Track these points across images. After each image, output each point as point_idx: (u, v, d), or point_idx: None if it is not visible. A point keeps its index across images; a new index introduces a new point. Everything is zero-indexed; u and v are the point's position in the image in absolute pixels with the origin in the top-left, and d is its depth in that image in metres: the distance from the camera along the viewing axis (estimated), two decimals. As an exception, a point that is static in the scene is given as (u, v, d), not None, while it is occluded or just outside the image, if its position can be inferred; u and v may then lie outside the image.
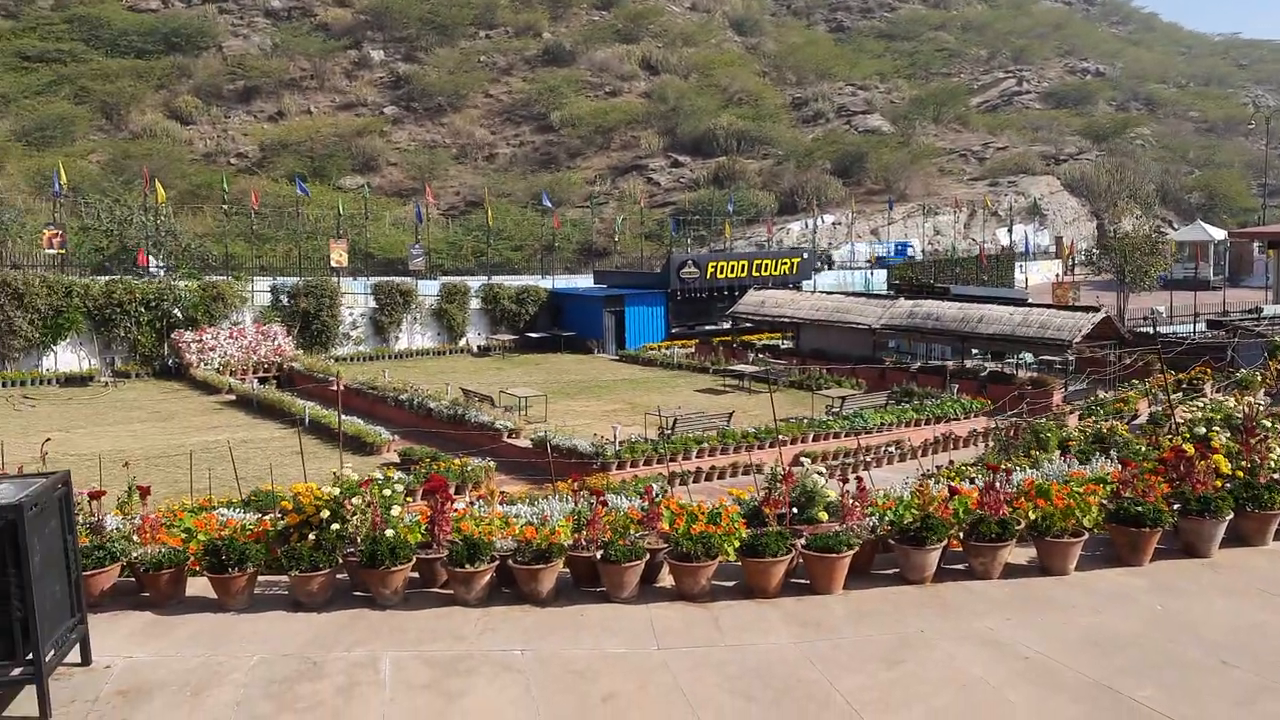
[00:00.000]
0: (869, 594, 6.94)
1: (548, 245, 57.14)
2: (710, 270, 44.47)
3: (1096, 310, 33.30)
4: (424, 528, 7.29)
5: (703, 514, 7.70)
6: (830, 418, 26.92)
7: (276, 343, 35.84)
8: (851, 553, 6.85)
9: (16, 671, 5.28)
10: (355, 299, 40.73)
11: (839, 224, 73.01)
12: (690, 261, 44.65)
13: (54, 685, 5.47)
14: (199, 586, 7.11)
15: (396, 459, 23.21)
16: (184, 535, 7.95)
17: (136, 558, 6.92)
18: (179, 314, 35.10)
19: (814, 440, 25.02)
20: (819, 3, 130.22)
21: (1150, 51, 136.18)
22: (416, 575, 7.15)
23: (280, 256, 51.46)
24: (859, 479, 7.38)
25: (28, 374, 32.43)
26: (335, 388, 27.11)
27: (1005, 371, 34.23)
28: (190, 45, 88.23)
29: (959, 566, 7.34)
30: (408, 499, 7.68)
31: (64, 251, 37.62)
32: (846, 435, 25.83)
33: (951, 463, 21.11)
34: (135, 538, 7.19)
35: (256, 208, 46.88)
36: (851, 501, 7.34)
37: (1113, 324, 34.31)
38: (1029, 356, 35.98)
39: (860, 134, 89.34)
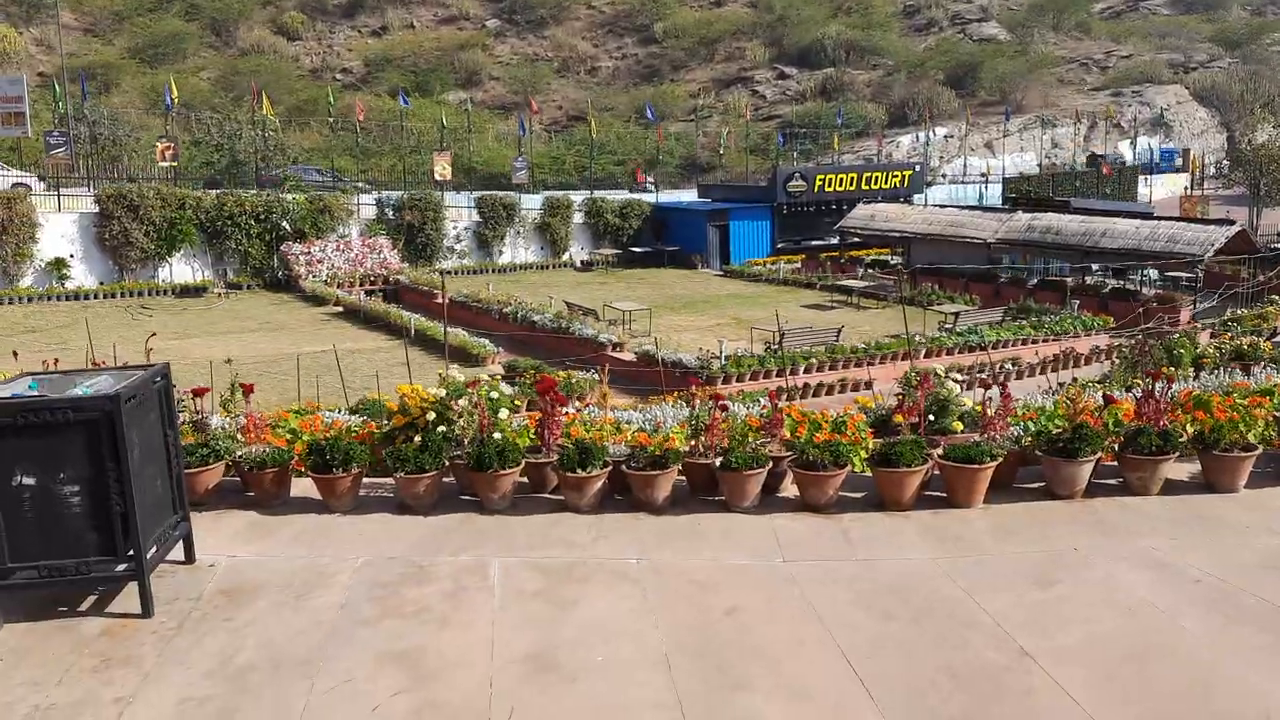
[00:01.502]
0: (1013, 508, 6.36)
1: (651, 160, 56.23)
2: (818, 184, 43.09)
3: (1231, 223, 31.22)
4: (533, 432, 6.93)
5: (826, 422, 7.18)
6: (944, 334, 25.90)
7: (382, 256, 36.10)
8: (994, 464, 6.26)
9: (120, 568, 5.11)
10: (459, 213, 40.72)
11: (951, 137, 70.15)
12: (797, 174, 43.33)
13: (157, 583, 5.31)
14: (303, 487, 6.92)
15: (501, 371, 23.14)
16: (289, 436, 7.77)
17: (241, 456, 6.74)
18: (288, 226, 35.55)
19: (926, 357, 24.11)
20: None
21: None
22: (525, 480, 6.82)
23: (385, 171, 51.82)
24: (1002, 385, 6.74)
25: (145, 284, 33.33)
26: (440, 300, 27.20)
27: (1129, 288, 32.49)
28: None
29: (1111, 482, 6.68)
30: (515, 405, 7.35)
31: (177, 164, 38.32)
32: (961, 351, 24.85)
33: (1075, 380, 20.04)
34: (239, 436, 7.01)
35: (361, 121, 47.01)
36: (993, 411, 6.71)
37: (1248, 238, 32.12)
38: (1153, 273, 34.14)
39: (975, 43, 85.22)
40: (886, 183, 44.46)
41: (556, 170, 57.90)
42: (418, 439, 6.69)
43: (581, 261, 42.12)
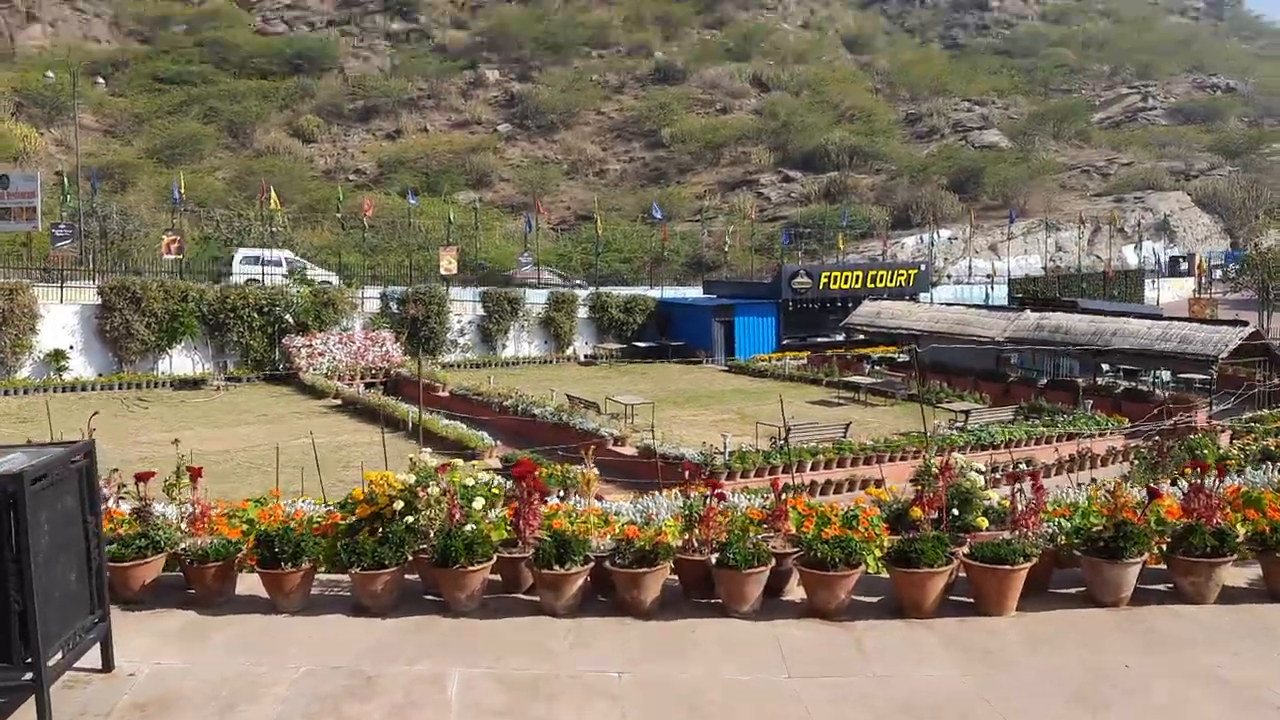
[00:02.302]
0: (1050, 616, 5.60)
1: (656, 258, 56.33)
2: (824, 280, 42.86)
3: (1244, 324, 30.73)
4: (509, 523, 6.23)
5: (836, 516, 6.47)
6: (955, 432, 25.15)
7: (384, 349, 35.68)
8: (1028, 565, 5.53)
9: (25, 677, 4.37)
10: (464, 306, 40.45)
11: (955, 239, 70.42)
12: (803, 271, 43.13)
13: (63, 695, 4.57)
14: (251, 584, 6.19)
15: (498, 464, 22.42)
16: (245, 527, 7.07)
17: (183, 549, 6.03)
18: (290, 319, 35.23)
19: (937, 456, 23.31)
20: (933, 20, 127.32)
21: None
22: (498, 578, 6.09)
23: (392, 267, 51.88)
24: (1033, 477, 6.04)
25: (143, 376, 32.83)
26: (443, 393, 26.62)
27: (1142, 388, 31.82)
28: (313, 67, 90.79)
29: (1160, 587, 5.93)
30: (493, 494, 6.65)
31: (182, 257, 38.23)
32: (974, 450, 24.05)
33: (1094, 481, 19.24)
34: (185, 527, 6.31)
35: (369, 216, 47.24)
36: (1022, 506, 6.00)
37: (1261, 339, 31.62)
38: (1165, 374, 33.55)
39: (977, 149, 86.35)
40: (892, 281, 44.24)
41: (563, 267, 58.06)
42: (382, 530, 5.99)
43: (585, 356, 41.67)
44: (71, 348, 32.66)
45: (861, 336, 39.66)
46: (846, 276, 43.58)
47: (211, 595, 5.95)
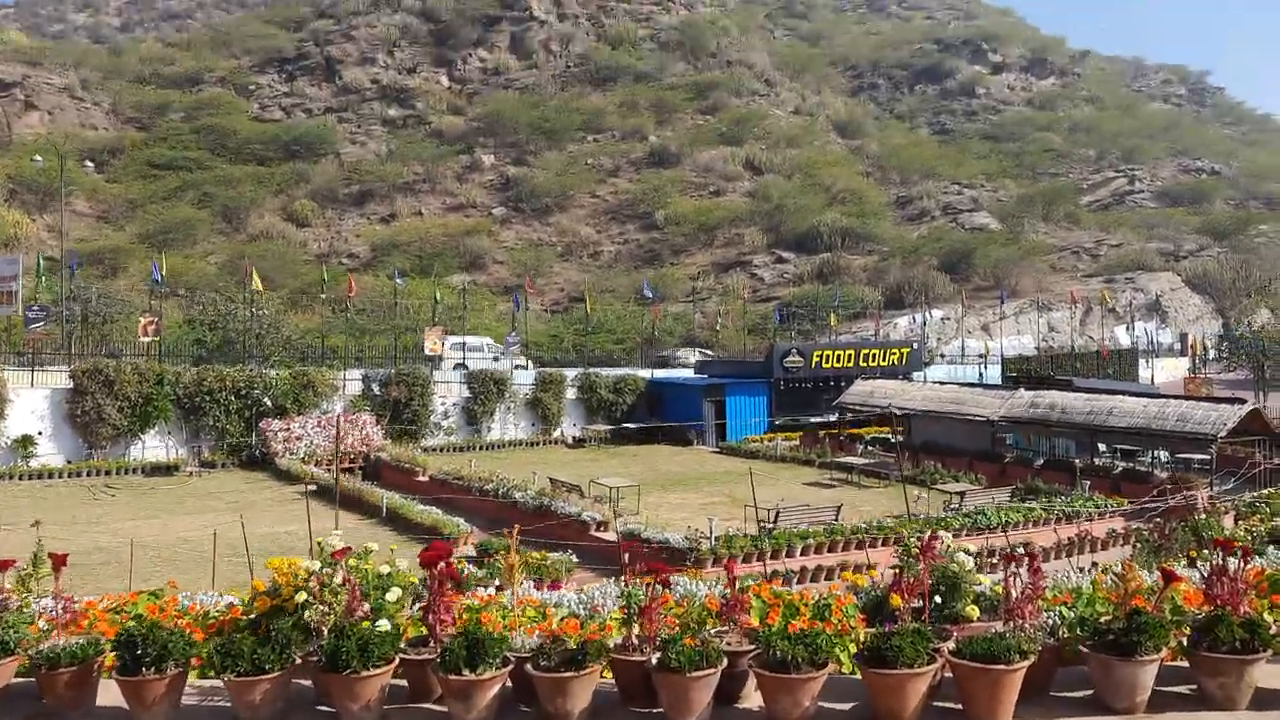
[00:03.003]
0: (1053, 728, 4.71)
1: (649, 339, 55.82)
2: (816, 359, 42.23)
3: (1242, 402, 30.03)
4: (422, 618, 5.35)
5: (805, 605, 5.61)
6: (949, 514, 24.21)
7: (364, 431, 34.78)
8: (1026, 664, 4.66)
9: None
10: (449, 388, 39.65)
11: (948, 319, 70.19)
12: (794, 350, 42.55)
13: None
14: (116, 694, 5.28)
15: (473, 551, 21.40)
16: (133, 624, 6.17)
17: (39, 652, 5.15)
18: (269, 402, 34.41)
19: (922, 534, 22.35)
20: (921, 106, 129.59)
21: (1266, 150, 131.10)
22: (404, 684, 5.19)
23: (381, 350, 51.28)
24: (1031, 557, 5.19)
25: (114, 463, 31.84)
26: (416, 476, 25.65)
27: (1140, 469, 30.96)
28: (309, 152, 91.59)
29: (1181, 689, 5.05)
30: (411, 585, 5.78)
31: (159, 339, 37.55)
32: (968, 533, 23.09)
33: (1095, 565, 18.27)
34: (44, 624, 5.43)
35: (353, 297, 46.79)
36: (1018, 592, 5.14)
37: (1261, 417, 30.85)
38: (1163, 454, 32.74)
39: (967, 231, 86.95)
40: (885, 360, 43.63)
41: (555, 348, 57.62)
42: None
43: (573, 438, 40.78)
44: (40, 433, 31.75)
45: (853, 417, 38.89)
46: (839, 355, 43.00)
47: (67, 706, 5.05)
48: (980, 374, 53.03)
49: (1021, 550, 18.19)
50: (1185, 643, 5.00)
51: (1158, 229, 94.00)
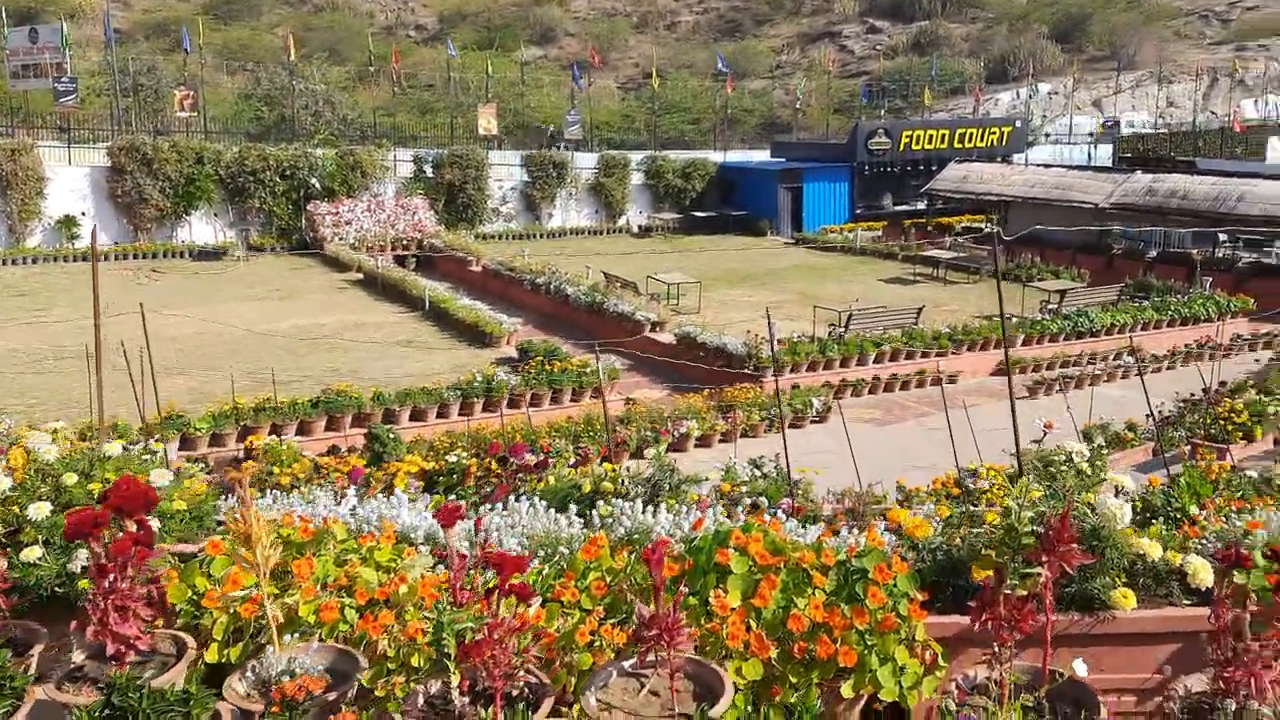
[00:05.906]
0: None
1: (725, 119, 52.14)
2: (904, 141, 38.48)
3: (1404, 186, 26.20)
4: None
5: (821, 572, 3.38)
6: (1047, 317, 21.68)
7: (416, 217, 32.88)
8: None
9: None
10: (507, 172, 37.24)
11: (1056, 94, 64.41)
12: (881, 130, 38.78)
13: None
14: None
15: (514, 354, 19.78)
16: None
17: None
18: (316, 184, 32.56)
19: (1023, 345, 20.02)
20: None
21: None
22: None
23: (441, 128, 48.82)
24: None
25: (161, 245, 30.60)
26: (469, 266, 23.88)
27: (1271, 263, 27.54)
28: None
29: None
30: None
31: (195, 114, 35.55)
32: (1067, 339, 20.68)
33: (1224, 384, 15.77)
34: None
35: (398, 68, 44.00)
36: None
37: None
38: (1294, 245, 29.14)
39: (1085, -8, 78.72)
40: (982, 140, 39.67)
41: (627, 129, 54.34)
42: None
43: (640, 227, 38.39)
44: (83, 214, 30.49)
45: (945, 204, 35.69)
46: (930, 136, 39.14)
47: None
48: (1090, 155, 48.52)
49: (1130, 360, 15.32)
50: None
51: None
